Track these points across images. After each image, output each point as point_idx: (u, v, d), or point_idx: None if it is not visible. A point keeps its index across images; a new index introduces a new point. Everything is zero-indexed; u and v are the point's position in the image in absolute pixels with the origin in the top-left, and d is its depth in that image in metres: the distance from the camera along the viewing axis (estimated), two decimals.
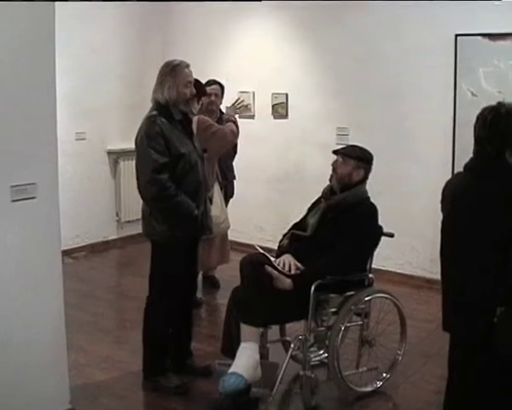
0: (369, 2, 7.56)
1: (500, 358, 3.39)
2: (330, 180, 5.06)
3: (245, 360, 4.41)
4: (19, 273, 3.99)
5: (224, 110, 7.23)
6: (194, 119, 5.78)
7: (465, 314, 3.52)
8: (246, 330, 4.51)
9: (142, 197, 4.83)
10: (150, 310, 5.02)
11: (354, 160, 4.97)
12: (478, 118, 3.59)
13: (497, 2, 6.49)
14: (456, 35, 6.98)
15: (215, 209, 6.11)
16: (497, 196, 3.40)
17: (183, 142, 4.77)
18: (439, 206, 3.84)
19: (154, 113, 4.72)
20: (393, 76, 7.55)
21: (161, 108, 4.75)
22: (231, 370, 4.38)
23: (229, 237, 7.18)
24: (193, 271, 5.28)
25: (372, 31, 7.68)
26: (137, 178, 4.80)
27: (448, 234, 3.70)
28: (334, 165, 5.02)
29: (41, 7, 3.94)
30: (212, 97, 6.84)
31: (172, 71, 4.78)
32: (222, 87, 7.04)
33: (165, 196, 4.64)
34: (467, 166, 3.64)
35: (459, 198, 3.62)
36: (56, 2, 4.08)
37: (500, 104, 3.56)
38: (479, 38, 6.83)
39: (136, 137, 4.77)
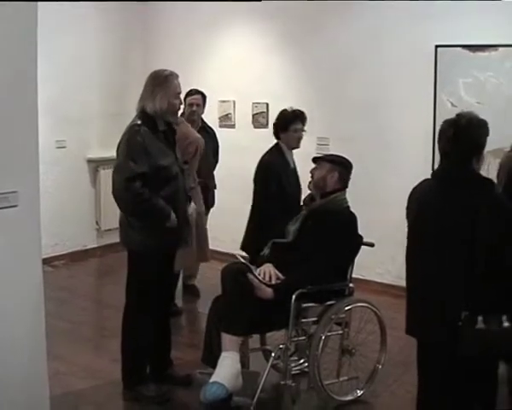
0: (350, 12, 7.62)
1: (464, 361, 3.44)
2: (309, 187, 5.12)
3: (226, 370, 4.40)
4: None
5: (205, 119, 7.25)
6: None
7: (431, 319, 3.57)
8: (227, 339, 4.50)
9: (117, 204, 4.80)
10: (127, 319, 5.02)
11: (328, 162, 5.07)
12: (440, 133, 3.63)
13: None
14: (436, 46, 7.04)
15: None
16: (463, 205, 3.45)
17: (165, 153, 4.76)
18: None
19: (138, 122, 4.71)
20: (374, 87, 7.59)
21: (146, 117, 4.73)
22: (212, 379, 4.37)
23: (210, 247, 7.14)
24: (169, 280, 5.27)
25: (353, 41, 7.71)
26: (113, 185, 4.78)
27: (414, 241, 3.75)
28: (312, 172, 5.09)
29: (23, 14, 3.93)
30: (194, 107, 6.85)
31: (164, 81, 4.76)
32: (204, 96, 7.05)
33: (139, 201, 4.62)
34: (434, 174, 3.70)
35: (426, 206, 3.69)
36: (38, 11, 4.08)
37: (459, 116, 3.59)
38: (458, 49, 6.90)
39: (118, 145, 4.76)
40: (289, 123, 5.88)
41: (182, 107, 5.34)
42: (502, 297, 3.42)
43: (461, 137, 3.52)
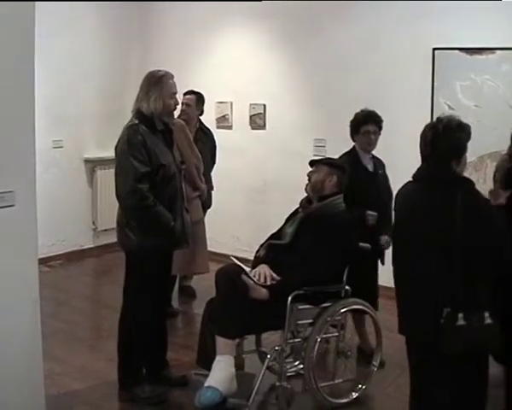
0: (348, 13, 7.62)
1: (447, 357, 3.47)
2: (306, 189, 5.11)
3: (220, 373, 4.41)
4: None
5: (203, 120, 7.24)
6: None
7: (417, 318, 3.62)
8: (221, 342, 4.51)
9: (121, 206, 4.81)
10: (124, 321, 5.00)
11: (326, 166, 5.08)
12: (420, 136, 3.69)
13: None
14: (434, 49, 7.04)
15: None
16: (444, 205, 3.49)
17: (164, 152, 4.76)
18: None
19: (136, 121, 4.71)
20: (372, 88, 7.56)
21: (143, 117, 4.73)
22: (207, 383, 4.38)
23: (208, 248, 7.14)
24: (167, 282, 5.27)
25: (350, 43, 7.71)
26: (116, 187, 4.77)
27: (398, 242, 3.78)
28: (309, 174, 5.09)
29: (21, 14, 3.93)
30: (183, 107, 6.83)
31: (159, 82, 4.76)
32: (199, 97, 7.04)
33: (144, 206, 4.62)
34: (415, 177, 3.73)
35: (408, 207, 3.73)
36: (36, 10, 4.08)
37: (438, 120, 3.63)
38: (456, 51, 6.90)
39: (117, 146, 4.75)
40: (360, 125, 5.74)
41: (178, 107, 5.34)
42: (484, 294, 3.47)
43: (438, 142, 3.58)
